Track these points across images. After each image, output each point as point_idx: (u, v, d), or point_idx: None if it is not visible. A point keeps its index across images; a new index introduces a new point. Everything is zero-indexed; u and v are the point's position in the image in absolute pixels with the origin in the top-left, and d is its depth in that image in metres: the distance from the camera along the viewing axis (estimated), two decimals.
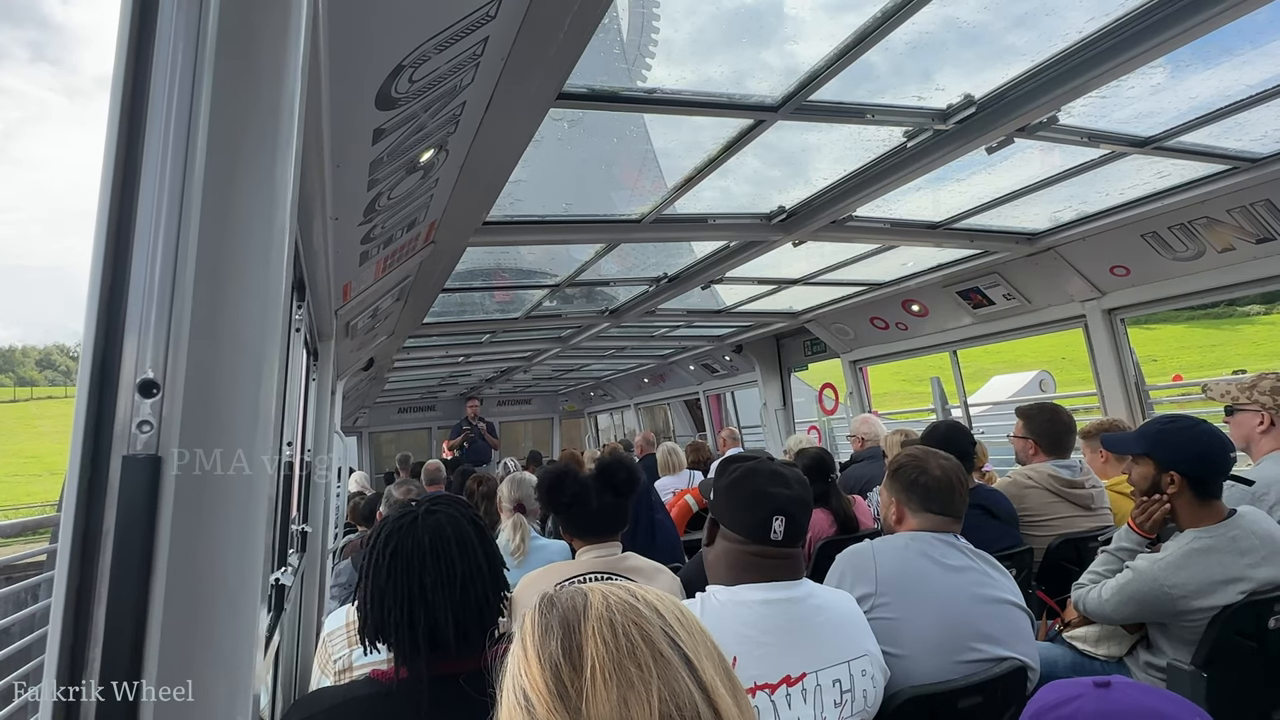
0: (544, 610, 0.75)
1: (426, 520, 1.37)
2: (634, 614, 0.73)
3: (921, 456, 2.12)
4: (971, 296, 5.30)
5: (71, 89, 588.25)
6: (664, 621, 0.73)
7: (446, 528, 1.36)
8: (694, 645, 0.72)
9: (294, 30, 0.75)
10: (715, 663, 0.72)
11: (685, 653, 0.71)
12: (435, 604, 1.28)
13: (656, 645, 0.70)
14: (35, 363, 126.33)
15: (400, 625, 1.27)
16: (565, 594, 0.77)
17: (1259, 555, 2.08)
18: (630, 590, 0.77)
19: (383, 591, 1.30)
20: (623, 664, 0.68)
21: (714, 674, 0.71)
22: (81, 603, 0.63)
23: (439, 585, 1.30)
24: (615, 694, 0.66)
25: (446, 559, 1.32)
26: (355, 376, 6.04)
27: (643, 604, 0.75)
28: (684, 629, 0.73)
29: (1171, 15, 2.12)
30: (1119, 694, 0.93)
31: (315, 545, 3.40)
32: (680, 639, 0.72)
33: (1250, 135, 3.09)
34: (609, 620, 0.72)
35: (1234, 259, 3.86)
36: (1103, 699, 0.93)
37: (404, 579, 1.30)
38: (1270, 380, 2.75)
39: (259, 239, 0.72)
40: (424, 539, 1.33)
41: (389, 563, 1.32)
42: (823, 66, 2.33)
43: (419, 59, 1.47)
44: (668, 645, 0.70)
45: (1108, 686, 0.95)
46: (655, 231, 3.82)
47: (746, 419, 10.11)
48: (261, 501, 0.70)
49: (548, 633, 0.72)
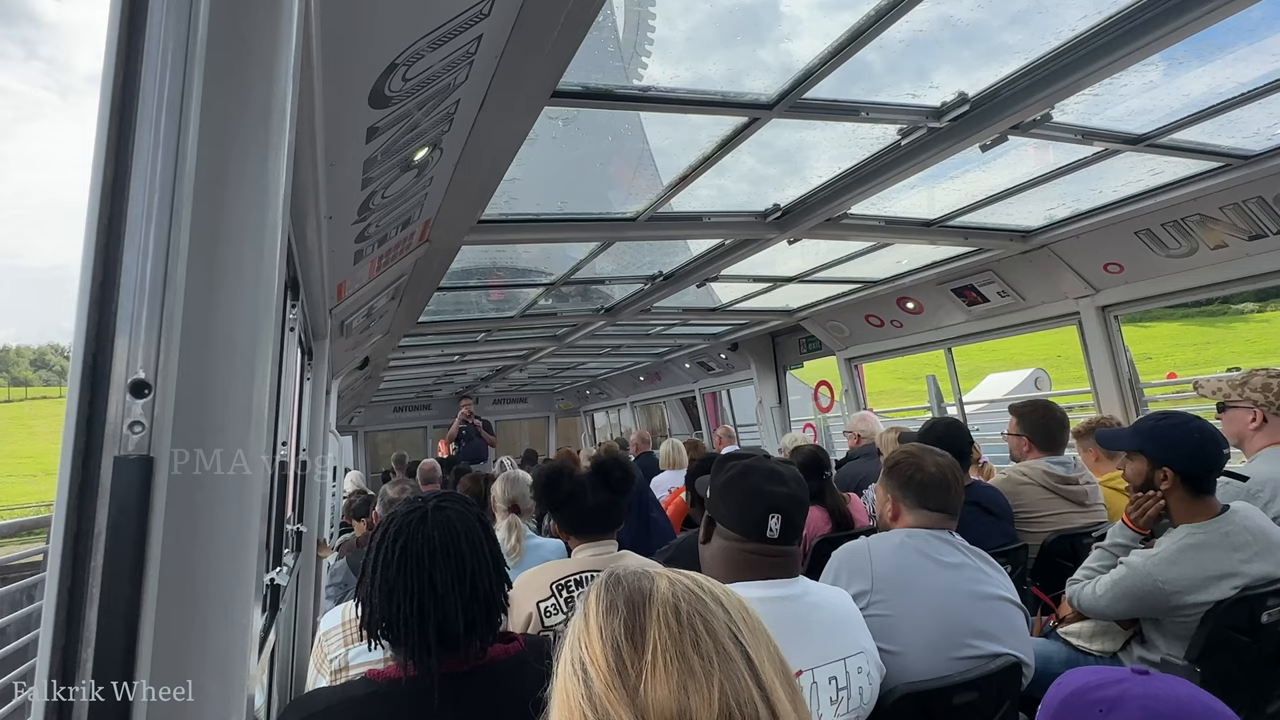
0: (609, 587, 0.75)
1: (436, 517, 1.36)
2: (699, 604, 0.72)
3: (917, 453, 2.12)
4: (966, 294, 5.31)
5: (65, 87, 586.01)
6: (729, 616, 0.73)
7: (456, 524, 1.36)
8: (756, 644, 0.72)
9: (286, 27, 0.75)
10: (776, 664, 0.72)
11: (747, 650, 0.70)
12: (446, 600, 1.28)
13: (720, 639, 0.70)
14: (30, 363, 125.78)
15: (410, 620, 1.27)
16: (631, 574, 0.77)
17: (1252, 551, 2.09)
18: (696, 580, 0.77)
19: (393, 586, 1.30)
20: (685, 652, 0.68)
21: (774, 675, 0.70)
22: (73, 603, 0.62)
23: (450, 582, 1.30)
24: (675, 680, 0.66)
25: (456, 555, 1.33)
26: (350, 376, 6.03)
27: (708, 596, 0.74)
28: (747, 626, 0.73)
29: (1164, 12, 2.12)
30: (1161, 681, 0.91)
31: (310, 545, 3.39)
32: (743, 636, 0.71)
33: (1243, 132, 3.10)
34: (674, 606, 0.71)
35: (1227, 256, 3.87)
36: (1149, 684, 0.90)
37: (415, 574, 1.30)
38: (1261, 377, 2.76)
39: (251, 238, 0.71)
40: (434, 535, 1.33)
41: (399, 558, 1.31)
42: (818, 64, 2.33)
43: (412, 57, 1.47)
44: (730, 640, 0.70)
45: (1147, 674, 0.93)
46: (650, 230, 3.82)
47: (742, 417, 10.12)
48: (255, 502, 0.70)
49: (612, 609, 0.72)
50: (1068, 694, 0.95)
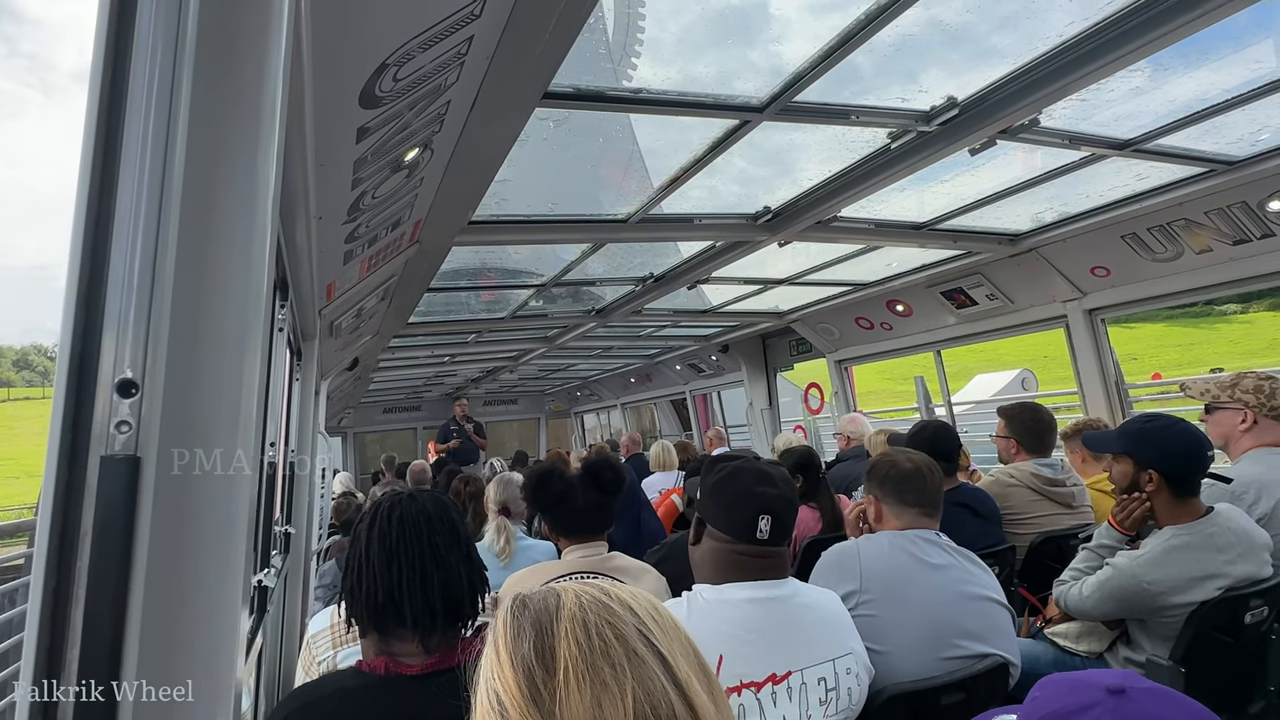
0: (516, 612, 0.75)
1: (420, 493, 1.43)
2: (607, 613, 0.72)
3: (892, 453, 2.21)
4: (955, 297, 5.35)
5: (48, 84, 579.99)
6: (638, 619, 0.72)
7: (443, 499, 1.45)
8: (668, 643, 0.72)
9: (276, 26, 0.74)
10: (690, 659, 0.72)
11: (660, 650, 0.70)
12: (448, 562, 1.33)
13: (630, 644, 0.70)
14: (12, 363, 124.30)
15: (414, 584, 1.28)
16: (538, 595, 0.77)
17: (1235, 552, 2.12)
18: (603, 589, 0.77)
19: (393, 553, 1.31)
20: (596, 664, 0.67)
21: (689, 670, 0.70)
22: (59, 603, 0.62)
23: (450, 545, 1.35)
24: (589, 695, 0.66)
25: (450, 522, 1.39)
26: (340, 376, 6.00)
27: (616, 602, 0.74)
28: (658, 626, 0.73)
29: (1151, 19, 2.14)
30: (1135, 705, 0.82)
31: (299, 547, 3.37)
32: (654, 637, 0.71)
33: (1227, 138, 3.14)
34: (581, 620, 0.71)
35: (1211, 260, 3.91)
36: (1117, 712, 0.81)
37: (415, 539, 1.33)
38: (1252, 379, 2.78)
39: (240, 237, 0.71)
40: (428, 506, 1.39)
41: (398, 527, 1.34)
42: (808, 68, 2.34)
43: (403, 57, 1.47)
44: (642, 643, 0.70)
45: (1122, 694, 0.82)
46: (641, 231, 3.82)
47: (733, 419, 10.14)
48: (243, 503, 0.69)
49: (520, 635, 0.71)
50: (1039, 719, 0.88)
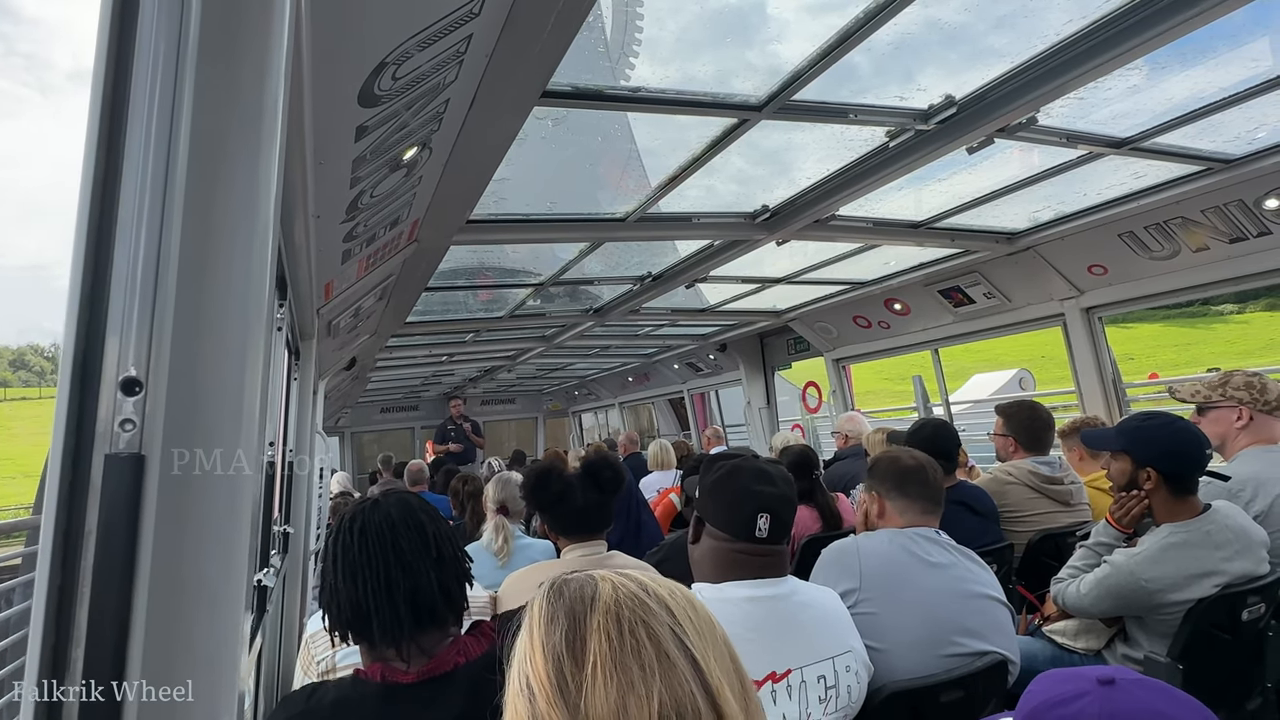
0: (552, 598, 0.74)
1: (387, 498, 1.38)
2: (643, 610, 0.71)
3: (894, 450, 2.23)
4: (952, 295, 5.35)
5: (45, 84, 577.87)
6: (674, 619, 0.71)
7: (410, 500, 1.39)
8: (703, 646, 0.70)
9: (277, 26, 0.75)
10: (725, 664, 0.71)
11: (693, 654, 0.69)
12: (415, 568, 1.28)
13: (663, 645, 0.68)
14: (9, 363, 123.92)
15: (379, 593, 1.25)
16: (575, 582, 0.76)
17: (1233, 549, 2.12)
18: (642, 583, 0.75)
19: (355, 566, 1.27)
20: (625, 663, 0.67)
21: (721, 676, 0.69)
22: (63, 603, 0.62)
23: (417, 550, 1.30)
24: (615, 693, 0.65)
25: (416, 525, 1.33)
26: (337, 376, 5.99)
27: (653, 599, 0.73)
28: (694, 628, 0.72)
29: (1148, 17, 2.15)
30: (1124, 694, 0.85)
31: (297, 546, 3.37)
32: (689, 639, 0.70)
33: (1224, 136, 3.14)
34: (616, 615, 0.70)
35: (1208, 259, 3.92)
36: (1107, 699, 0.85)
37: (378, 547, 1.29)
38: (1241, 376, 2.78)
39: (242, 236, 0.71)
40: (391, 512, 1.34)
41: (359, 540, 1.30)
42: (805, 67, 2.34)
43: (402, 56, 1.47)
44: (675, 646, 0.69)
45: (1112, 685, 0.86)
46: (639, 230, 3.82)
47: (731, 418, 10.14)
48: (245, 501, 0.69)
49: (553, 622, 0.71)
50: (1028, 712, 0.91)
